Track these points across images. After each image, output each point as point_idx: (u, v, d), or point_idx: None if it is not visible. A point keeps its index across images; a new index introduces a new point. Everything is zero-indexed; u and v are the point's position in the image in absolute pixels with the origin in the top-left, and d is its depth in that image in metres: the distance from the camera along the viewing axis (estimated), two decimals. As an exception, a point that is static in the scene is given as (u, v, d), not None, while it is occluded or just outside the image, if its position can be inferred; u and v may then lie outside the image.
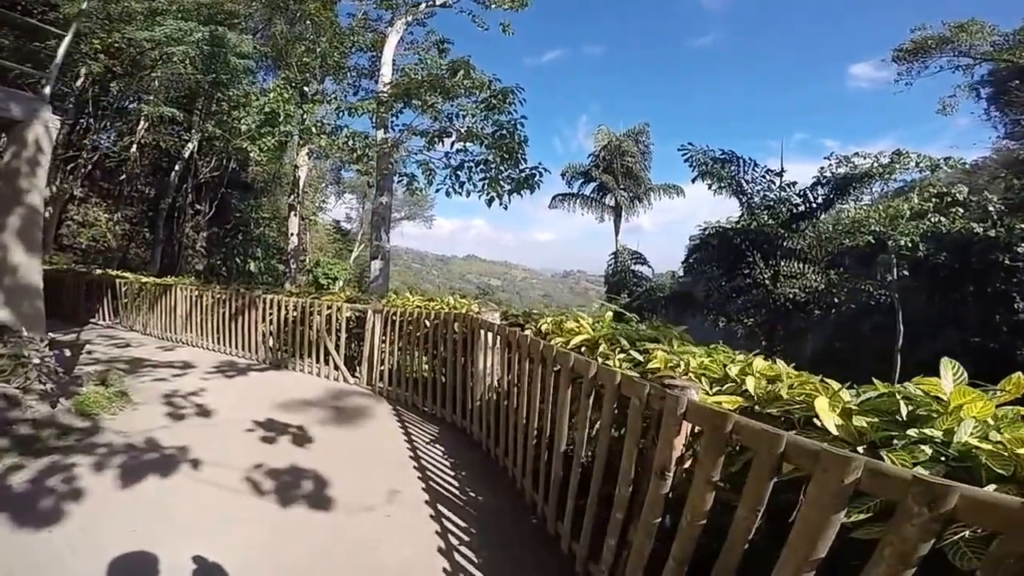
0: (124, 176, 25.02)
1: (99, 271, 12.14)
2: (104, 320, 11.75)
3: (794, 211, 14.44)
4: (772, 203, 14.61)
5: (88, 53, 17.31)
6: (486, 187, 11.21)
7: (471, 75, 12.07)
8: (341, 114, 13.16)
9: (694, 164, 15.95)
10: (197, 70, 15.20)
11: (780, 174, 15.06)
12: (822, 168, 16.46)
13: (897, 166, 16.05)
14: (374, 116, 13.37)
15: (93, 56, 17.61)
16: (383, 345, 6.66)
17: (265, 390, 6.59)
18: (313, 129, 14.33)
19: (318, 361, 7.32)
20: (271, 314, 7.85)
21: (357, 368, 7.18)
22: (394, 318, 6.41)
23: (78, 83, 21.99)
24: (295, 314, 7.48)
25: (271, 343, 7.97)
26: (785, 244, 13.96)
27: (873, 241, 19.18)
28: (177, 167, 24.35)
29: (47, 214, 27.02)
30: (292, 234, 18.90)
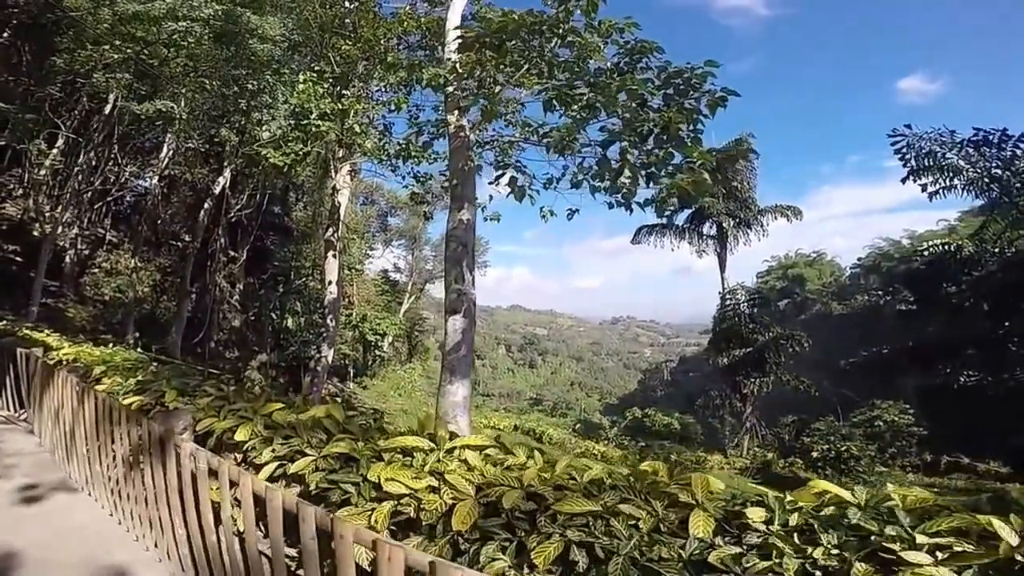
0: (144, 215, 21.64)
1: (21, 333, 7.73)
2: (9, 408, 7.19)
3: None
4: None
5: (99, 60, 13.99)
6: (648, 179, 6.25)
7: (595, 11, 7.37)
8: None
9: (912, 155, 10.86)
10: (207, 50, 11.33)
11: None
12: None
13: None
14: (438, 94, 8.91)
15: (109, 67, 14.31)
16: None
17: None
18: (357, 128, 10.03)
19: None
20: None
21: None
22: None
23: (106, 109, 19.12)
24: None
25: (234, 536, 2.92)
26: None
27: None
28: (207, 204, 20.80)
29: (67, 259, 24.11)
30: (330, 281, 14.32)
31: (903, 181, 11.55)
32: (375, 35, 12.39)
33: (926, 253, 12.80)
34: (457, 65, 7.32)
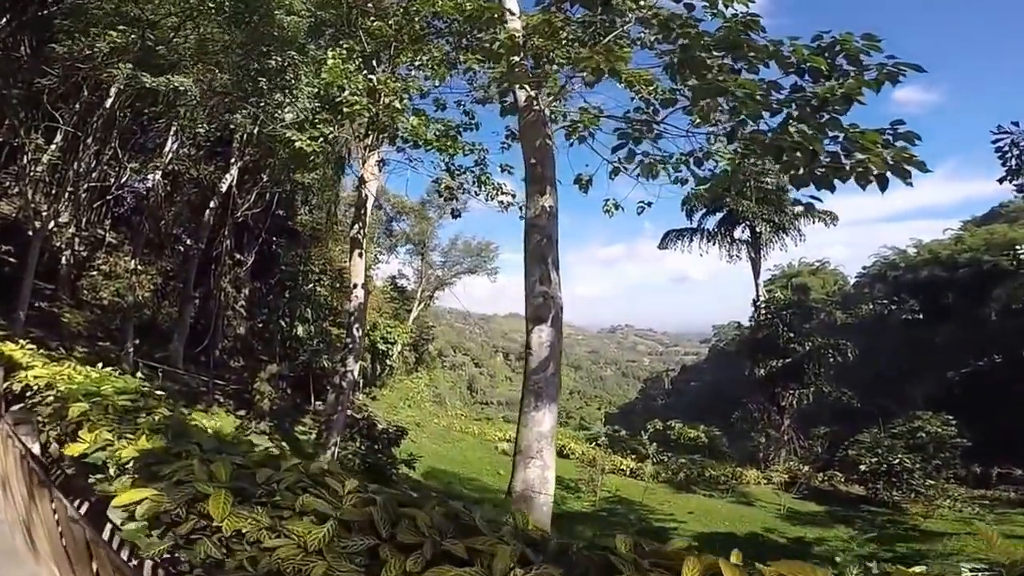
0: (146, 214, 20.25)
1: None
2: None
3: None
4: None
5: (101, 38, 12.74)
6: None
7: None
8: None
9: (1014, 154, 9.79)
10: (220, 34, 10.04)
11: None
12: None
13: None
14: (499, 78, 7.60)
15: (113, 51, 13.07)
16: None
17: None
18: (397, 104, 8.75)
19: None
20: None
21: None
22: None
23: (107, 103, 17.77)
24: None
25: None
26: None
27: None
28: (213, 204, 19.42)
29: (63, 260, 22.60)
30: (355, 284, 12.79)
31: (1000, 181, 10.45)
32: (409, 10, 11.16)
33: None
34: (547, 21, 5.96)
